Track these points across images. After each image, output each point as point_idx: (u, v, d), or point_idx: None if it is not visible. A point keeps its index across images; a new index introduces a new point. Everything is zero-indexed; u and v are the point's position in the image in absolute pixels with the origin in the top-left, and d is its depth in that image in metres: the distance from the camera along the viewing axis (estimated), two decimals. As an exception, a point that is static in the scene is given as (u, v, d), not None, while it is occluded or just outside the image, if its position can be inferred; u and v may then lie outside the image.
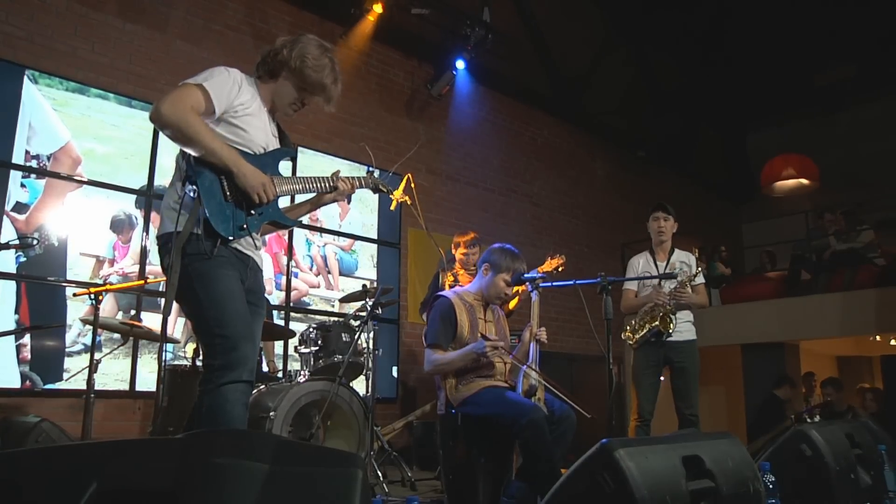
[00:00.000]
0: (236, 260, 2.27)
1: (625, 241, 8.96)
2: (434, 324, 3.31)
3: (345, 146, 6.48)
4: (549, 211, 8.76)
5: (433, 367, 3.26)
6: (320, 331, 4.43)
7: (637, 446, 1.80)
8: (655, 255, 4.59)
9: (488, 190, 7.96)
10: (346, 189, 2.57)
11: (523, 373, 3.23)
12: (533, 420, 2.90)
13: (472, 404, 3.18)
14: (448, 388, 3.27)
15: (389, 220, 6.73)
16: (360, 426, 4.05)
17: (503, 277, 3.38)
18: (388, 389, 6.42)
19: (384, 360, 6.28)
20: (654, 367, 4.37)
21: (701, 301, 4.47)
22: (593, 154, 9.76)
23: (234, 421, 2.05)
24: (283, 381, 4.20)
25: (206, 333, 2.15)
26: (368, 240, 6.58)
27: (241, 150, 2.29)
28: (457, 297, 3.40)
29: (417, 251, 6.93)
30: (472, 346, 3.17)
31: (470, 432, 3.20)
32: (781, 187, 10.39)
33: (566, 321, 8.36)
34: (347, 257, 6.41)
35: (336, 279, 6.29)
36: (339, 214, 6.36)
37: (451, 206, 7.42)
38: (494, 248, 3.49)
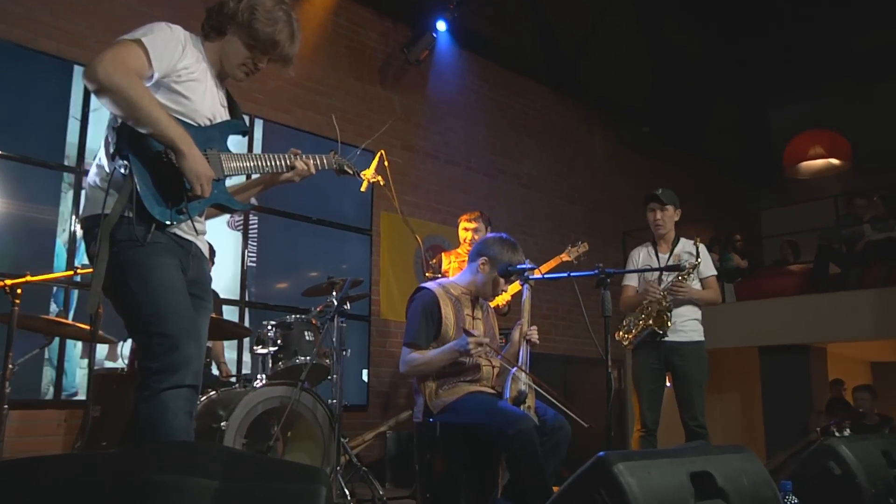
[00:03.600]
0: (175, 246, 2.24)
1: (627, 229, 9.01)
2: (414, 319, 3.31)
3: (308, 118, 6.43)
4: (542, 194, 8.78)
5: (409, 368, 3.26)
6: (280, 329, 4.40)
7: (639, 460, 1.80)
8: (657, 246, 4.61)
9: (472, 169, 7.95)
10: (305, 169, 2.56)
11: (511, 377, 3.24)
12: (522, 430, 2.90)
13: (453, 412, 3.19)
14: (427, 393, 3.28)
15: (359, 202, 6.70)
16: (326, 437, 4.04)
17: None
18: (358, 395, 6.41)
19: (353, 362, 6.27)
20: (656, 371, 4.39)
21: (711, 297, 4.50)
22: (592, 130, 9.78)
23: (176, 432, 2.03)
24: (237, 387, 4.18)
25: (141, 332, 2.13)
26: (335, 225, 6.55)
27: (184, 120, 2.26)
28: (441, 290, 3.40)
29: (391, 238, 6.91)
30: (453, 344, 3.18)
31: (451, 444, 3.21)
32: (807, 168, 10.31)
33: (560, 319, 8.39)
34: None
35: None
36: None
37: (429, 187, 7.40)
38: (492, 239, 3.50)
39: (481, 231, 5.18)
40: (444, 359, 3.20)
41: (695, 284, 4.45)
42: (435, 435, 3.21)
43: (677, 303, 4.37)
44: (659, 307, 4.30)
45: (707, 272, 4.48)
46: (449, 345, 3.20)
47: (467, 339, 3.09)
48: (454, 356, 3.17)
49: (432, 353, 3.23)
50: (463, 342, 3.11)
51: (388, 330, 6.72)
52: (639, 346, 4.43)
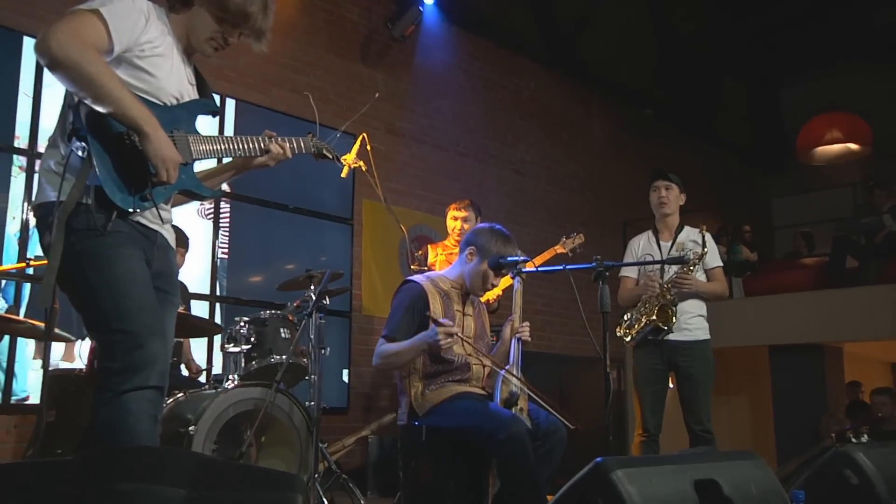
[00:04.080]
0: (138, 236, 2.23)
1: (628, 219, 9.02)
2: (397, 313, 3.32)
3: (284, 98, 6.40)
4: (536, 181, 8.78)
5: (381, 360, 3.28)
6: (253, 325, 4.40)
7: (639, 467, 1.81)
8: (659, 234, 4.62)
9: (462, 154, 7.94)
10: (280, 153, 2.56)
11: (502, 377, 3.25)
12: (513, 434, 2.91)
13: (440, 414, 3.20)
14: (412, 394, 3.28)
15: (340, 189, 6.69)
16: (303, 442, 4.04)
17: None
18: (338, 397, 6.41)
19: (332, 361, 6.27)
20: (658, 371, 4.41)
21: (718, 290, 4.51)
22: (591, 112, 9.78)
23: (139, 437, 2.02)
24: (207, 388, 4.17)
25: (101, 329, 2.12)
26: (313, 213, 6.53)
27: (148, 99, 2.25)
28: (430, 283, 3.40)
29: (374, 228, 6.90)
30: (421, 335, 3.18)
31: (437, 449, 3.22)
32: (823, 154, 10.18)
33: (555, 315, 8.40)
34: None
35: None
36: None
37: (415, 173, 7.39)
38: (482, 228, 3.51)
39: (471, 221, 5.18)
40: (413, 350, 3.20)
41: (700, 276, 4.45)
42: (420, 439, 3.22)
43: (682, 297, 4.37)
44: (663, 301, 4.30)
45: (713, 263, 4.48)
46: (418, 335, 3.20)
47: (436, 329, 3.07)
48: (423, 348, 3.17)
49: (402, 344, 3.23)
50: (431, 332, 3.10)
51: (370, 327, 6.71)
52: (640, 345, 4.43)
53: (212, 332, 4.76)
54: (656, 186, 4.56)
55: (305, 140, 2.71)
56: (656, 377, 4.41)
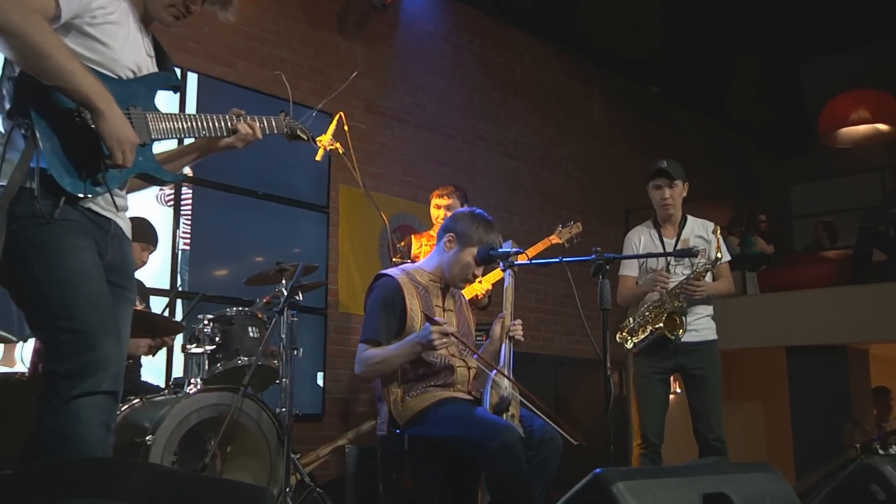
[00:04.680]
0: (90, 225, 2.22)
1: (631, 207, 9.04)
2: (373, 312, 3.32)
3: (253, 72, 6.36)
4: (530, 165, 8.79)
5: (366, 368, 3.27)
6: (218, 324, 4.39)
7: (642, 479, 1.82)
8: (661, 228, 4.61)
9: (448, 136, 7.94)
10: (249, 134, 2.55)
11: (491, 381, 3.25)
12: (505, 444, 2.92)
13: (423, 422, 3.20)
14: (392, 400, 3.29)
15: (314, 174, 6.66)
16: (272, 453, 4.03)
17: (472, 253, 3.40)
18: (312, 403, 6.40)
19: (306, 363, 6.25)
20: (660, 374, 4.42)
21: (724, 288, 4.53)
22: (591, 89, 9.79)
23: (89, 448, 2.01)
24: (166, 393, 4.16)
25: (48, 327, 2.11)
26: (285, 200, 6.51)
27: (101, 72, 2.23)
28: (405, 277, 3.41)
29: (352, 217, 6.89)
30: (413, 336, 3.18)
31: (420, 460, 3.23)
32: (848, 135, 10.10)
33: (550, 313, 8.41)
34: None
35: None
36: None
37: (397, 156, 7.38)
38: (461, 213, 3.52)
39: (455, 208, 5.18)
40: (404, 354, 3.20)
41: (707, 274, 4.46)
42: (402, 449, 3.23)
43: (691, 303, 4.38)
44: (671, 308, 4.30)
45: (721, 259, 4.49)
46: (410, 337, 3.20)
47: (430, 329, 3.07)
48: (415, 350, 3.17)
49: (390, 348, 3.23)
50: (425, 332, 3.10)
51: (348, 325, 6.70)
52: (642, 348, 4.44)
53: (172, 331, 4.73)
54: (658, 185, 4.54)
55: (277, 119, 2.70)
56: (657, 381, 4.42)
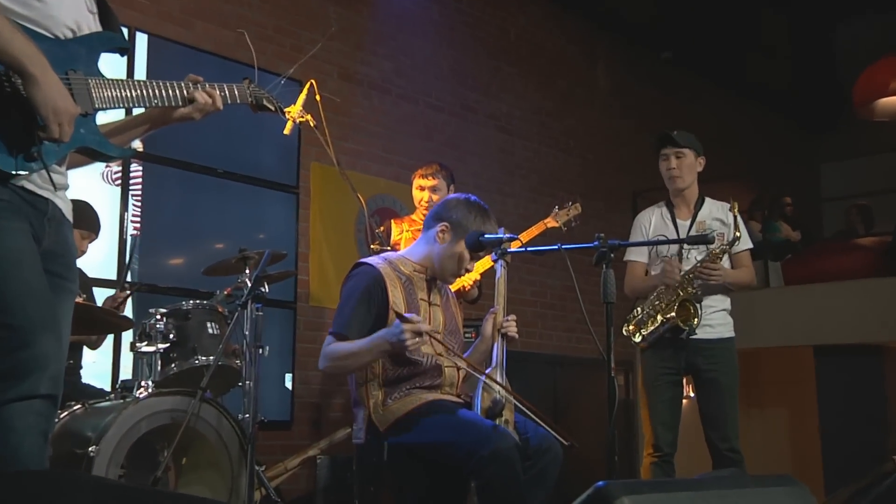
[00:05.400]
0: (24, 205, 2.20)
1: (639, 189, 9.04)
2: (348, 304, 3.32)
3: (212, 34, 6.32)
4: (526, 140, 8.79)
5: (329, 363, 3.28)
6: (173, 319, 4.38)
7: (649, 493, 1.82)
8: (675, 208, 4.62)
9: (434, 107, 7.92)
10: (208, 103, 2.54)
11: (482, 383, 3.25)
12: (499, 451, 2.92)
13: (406, 429, 3.20)
14: (371, 404, 3.29)
15: (283, 149, 6.64)
16: (234, 464, 4.03)
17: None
18: (279, 408, 6.40)
19: (273, 363, 6.24)
20: (672, 376, 4.44)
21: (745, 278, 4.54)
22: (594, 55, 9.78)
23: (23, 459, 2.00)
24: (112, 397, 4.14)
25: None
26: (249, 179, 6.48)
27: (34, 30, 2.21)
28: (388, 267, 3.40)
29: (325, 198, 6.88)
30: (383, 332, 3.17)
31: (402, 471, 3.25)
32: (886, 107, 9.95)
33: (548, 307, 8.42)
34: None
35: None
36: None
37: (376, 130, 7.36)
38: (455, 200, 3.51)
39: (441, 191, 5.18)
40: (372, 351, 3.18)
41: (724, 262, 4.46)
42: (382, 460, 3.22)
43: (707, 290, 4.39)
44: (684, 295, 4.30)
45: (740, 245, 4.50)
46: (379, 333, 3.18)
47: (401, 327, 3.05)
48: (384, 349, 3.16)
49: (358, 342, 3.22)
50: (395, 330, 3.07)
51: (320, 321, 6.69)
52: (651, 345, 4.45)
53: (120, 327, 4.72)
54: (664, 155, 4.55)
55: (240, 87, 2.69)
56: (670, 383, 4.44)
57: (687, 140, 4.51)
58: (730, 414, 4.37)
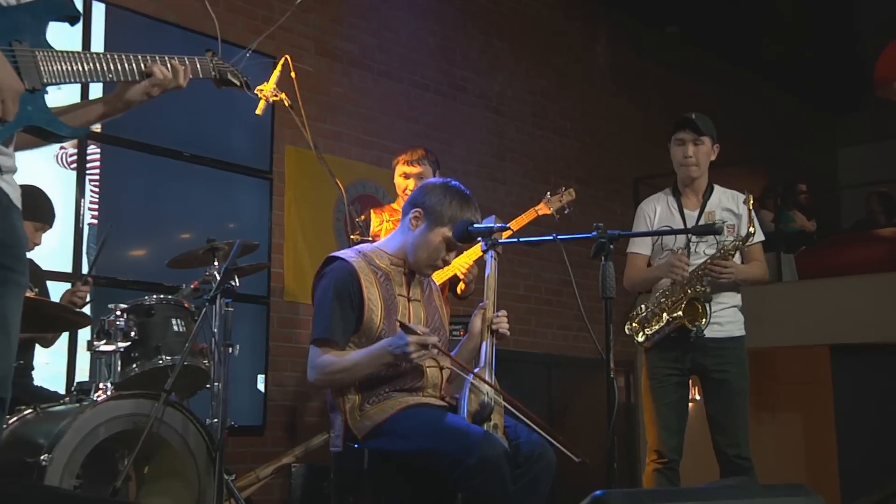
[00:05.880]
0: (-37, 190, 2.18)
1: (641, 175, 9.05)
2: (324, 305, 3.31)
3: (177, 4, 6.29)
4: (519, 122, 8.78)
5: (322, 377, 3.28)
6: (134, 315, 4.36)
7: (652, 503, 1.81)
8: (682, 196, 4.62)
9: (419, 86, 7.91)
10: (167, 79, 2.52)
11: (469, 384, 3.25)
12: (487, 459, 2.92)
13: (386, 435, 3.21)
14: (348, 409, 3.29)
15: (254, 131, 6.62)
16: (201, 474, 4.01)
17: (444, 233, 3.39)
18: (251, 413, 6.40)
19: (243, 363, 6.24)
20: (677, 377, 4.44)
21: (756, 274, 4.53)
22: (594, 31, 9.78)
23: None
24: (67, 401, 4.12)
25: None
26: (218, 164, 6.46)
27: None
28: (361, 261, 3.40)
29: (301, 184, 6.86)
30: (385, 343, 3.18)
31: (383, 480, 3.25)
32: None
33: (543, 303, 8.43)
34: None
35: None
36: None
37: (356, 110, 7.35)
38: (432, 185, 3.52)
39: (427, 177, 5.15)
40: (371, 363, 3.21)
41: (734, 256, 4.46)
42: (361, 468, 3.23)
43: (717, 287, 4.39)
44: (692, 294, 4.30)
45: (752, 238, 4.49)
46: (380, 343, 3.20)
47: (406, 339, 3.07)
48: (385, 361, 3.17)
49: (355, 355, 3.23)
50: (399, 342, 3.10)
51: (295, 317, 6.69)
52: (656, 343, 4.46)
53: (76, 324, 4.69)
54: (681, 140, 4.53)
55: (202, 60, 2.67)
56: (674, 384, 4.44)
57: (707, 127, 4.49)
58: (739, 418, 4.37)
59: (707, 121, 4.54)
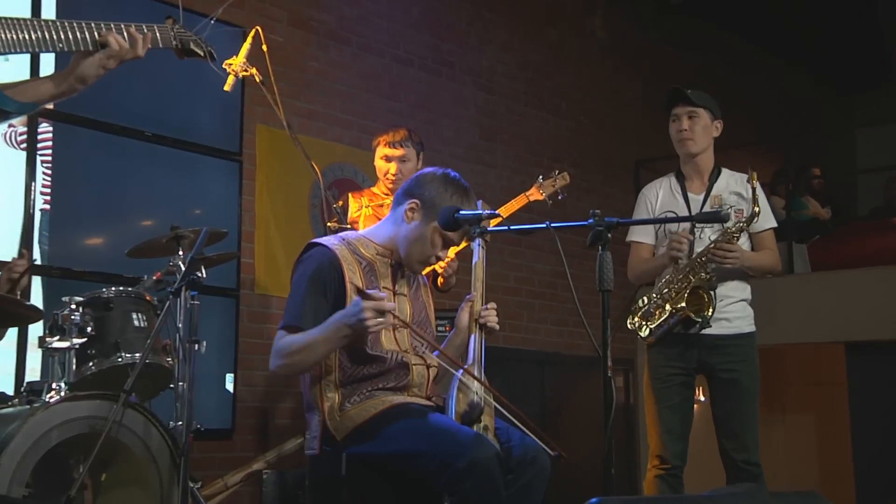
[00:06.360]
0: None
1: (643, 158, 9.07)
2: (299, 292, 3.32)
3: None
4: (510, 100, 8.79)
5: (283, 362, 3.27)
6: (91, 309, 4.33)
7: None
8: (686, 180, 4.62)
9: (402, 61, 7.90)
10: (124, 49, 2.51)
11: (457, 383, 3.25)
12: (477, 462, 2.92)
13: (368, 437, 3.21)
14: (327, 408, 3.29)
15: (223, 109, 6.61)
16: (164, 481, 4.01)
17: (440, 229, 3.39)
18: (219, 415, 6.40)
19: (211, 361, 6.22)
20: (682, 375, 4.46)
21: (767, 263, 4.55)
22: (590, 1, 9.76)
23: None
24: (16, 402, 4.13)
25: None
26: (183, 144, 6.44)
27: None
28: (345, 249, 3.40)
29: (274, 167, 6.85)
30: (339, 314, 3.16)
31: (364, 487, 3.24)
32: None
33: (535, 296, 8.44)
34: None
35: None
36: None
37: (334, 87, 7.34)
38: (430, 175, 3.51)
39: (411, 161, 5.15)
40: (329, 339, 3.18)
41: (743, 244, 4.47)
42: (340, 474, 3.22)
43: (723, 275, 4.39)
44: (695, 282, 4.30)
45: (762, 223, 4.52)
46: (334, 316, 3.17)
47: (361, 305, 3.04)
48: (342, 332, 3.14)
49: (312, 331, 3.21)
50: (354, 309, 3.08)
51: (267, 311, 6.68)
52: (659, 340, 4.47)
53: (26, 318, 4.66)
54: (675, 115, 4.56)
55: (162, 28, 2.66)
56: (679, 384, 4.46)
57: (702, 99, 4.53)
58: (748, 421, 4.39)
59: (703, 95, 4.56)
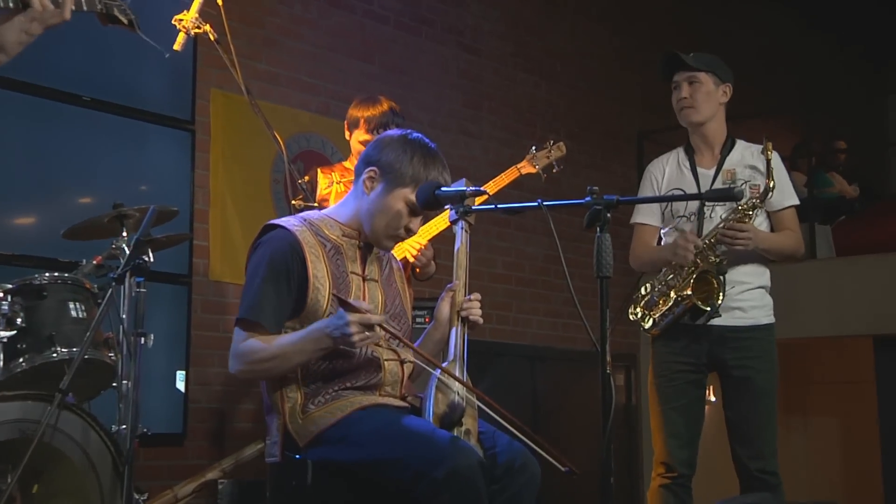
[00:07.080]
0: None
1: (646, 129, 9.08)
2: (255, 282, 3.31)
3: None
4: (498, 64, 8.80)
5: (245, 366, 3.28)
6: (20, 297, 4.32)
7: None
8: (696, 153, 4.63)
9: (378, 19, 7.91)
10: (48, 9, 2.50)
11: (436, 381, 3.26)
12: (457, 470, 2.93)
13: (335, 442, 3.22)
14: (288, 410, 3.31)
15: (172, 72, 6.60)
16: (105, 492, 4.02)
17: (405, 196, 3.39)
18: (168, 418, 6.41)
19: (159, 357, 6.21)
20: (691, 372, 4.48)
21: (787, 245, 4.57)
22: (589, -49, 9.78)
23: None
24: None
25: None
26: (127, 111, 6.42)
27: None
28: (307, 231, 3.40)
29: (231, 137, 6.86)
30: (320, 324, 3.17)
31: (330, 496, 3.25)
32: None
33: (525, 284, 8.47)
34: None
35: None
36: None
37: (299, 46, 7.33)
38: (389, 137, 3.52)
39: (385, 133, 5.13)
40: (306, 350, 3.19)
41: (761, 224, 4.49)
42: (304, 482, 3.23)
43: (734, 258, 4.41)
44: (704, 266, 4.31)
45: (782, 201, 4.53)
46: (316, 325, 3.18)
47: (346, 318, 3.05)
48: (324, 345, 3.16)
49: (285, 339, 3.23)
50: (339, 322, 3.08)
51: (223, 301, 6.68)
52: (663, 332, 4.49)
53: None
54: (675, 83, 4.57)
55: None
56: (687, 383, 4.48)
57: (703, 62, 4.52)
58: (765, 424, 4.41)
59: (705, 56, 4.57)
